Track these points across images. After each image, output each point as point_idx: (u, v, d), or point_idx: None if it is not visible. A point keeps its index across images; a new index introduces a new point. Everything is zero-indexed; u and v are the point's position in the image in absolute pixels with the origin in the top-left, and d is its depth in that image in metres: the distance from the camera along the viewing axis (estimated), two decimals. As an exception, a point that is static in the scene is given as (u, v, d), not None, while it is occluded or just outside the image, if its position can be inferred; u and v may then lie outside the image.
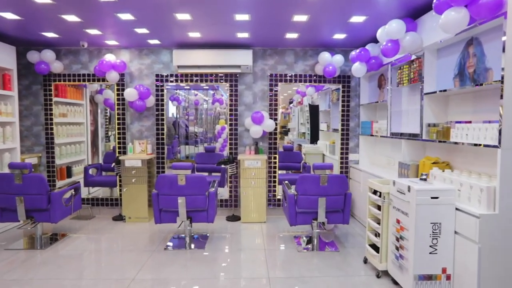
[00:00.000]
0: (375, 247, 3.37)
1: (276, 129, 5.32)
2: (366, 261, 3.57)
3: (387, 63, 4.33)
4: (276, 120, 5.31)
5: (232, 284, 3.17)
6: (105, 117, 6.67)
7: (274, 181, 5.46)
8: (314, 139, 7.33)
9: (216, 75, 5.32)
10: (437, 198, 2.69)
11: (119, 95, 5.30)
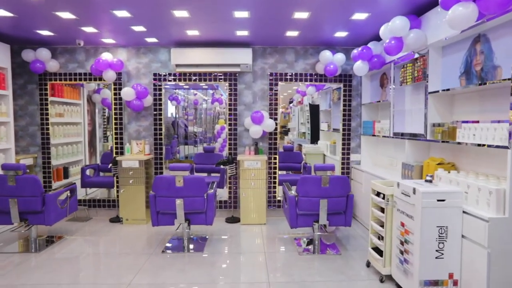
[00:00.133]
0: (378, 251, 3.28)
1: (276, 129, 5.22)
2: (369, 264, 3.48)
3: (390, 62, 4.23)
4: (276, 120, 5.22)
5: (231, 289, 3.08)
6: (103, 117, 6.58)
7: (274, 182, 5.36)
8: (314, 139, 7.25)
9: (215, 74, 5.22)
10: (443, 200, 2.59)
11: (116, 94, 5.20)
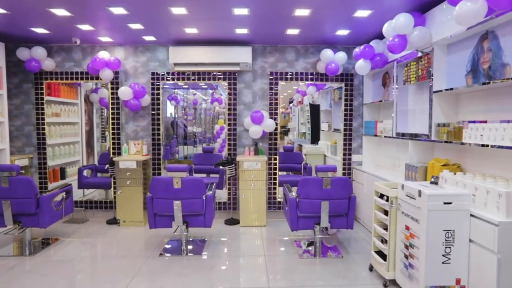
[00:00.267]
0: (381, 254, 3.18)
1: (276, 129, 5.13)
2: (372, 268, 3.38)
3: (393, 60, 4.14)
4: (276, 120, 5.12)
5: (230, 294, 2.99)
6: (101, 116, 6.48)
7: (274, 183, 5.27)
8: (314, 139, 7.16)
9: (214, 73, 5.13)
10: (450, 203, 2.50)
11: (113, 94, 5.10)
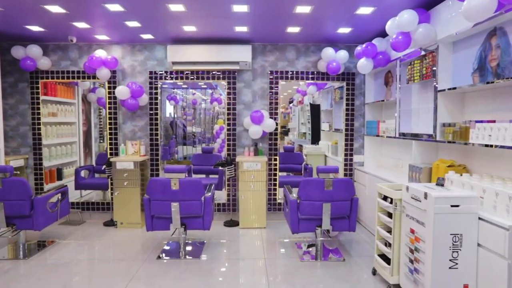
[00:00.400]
0: (385, 258, 3.09)
1: (276, 129, 5.04)
2: (375, 272, 3.29)
3: (396, 59, 4.05)
4: (276, 120, 5.03)
5: (229, 299, 2.90)
6: (99, 116, 6.39)
7: (275, 184, 5.17)
8: (315, 139, 7.08)
9: (214, 72, 5.03)
10: (457, 206, 2.41)
11: (110, 93, 5.01)
